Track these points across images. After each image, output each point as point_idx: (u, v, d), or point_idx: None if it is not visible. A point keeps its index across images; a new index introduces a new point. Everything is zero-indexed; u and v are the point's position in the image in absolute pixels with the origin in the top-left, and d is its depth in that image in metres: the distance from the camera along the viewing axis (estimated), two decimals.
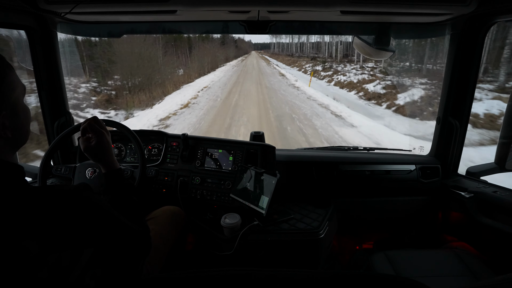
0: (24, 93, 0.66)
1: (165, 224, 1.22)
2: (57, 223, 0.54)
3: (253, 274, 0.61)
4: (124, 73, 13.28)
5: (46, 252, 0.51)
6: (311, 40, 43.10)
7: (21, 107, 0.64)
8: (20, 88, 0.64)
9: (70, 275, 0.54)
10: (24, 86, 0.66)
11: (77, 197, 0.59)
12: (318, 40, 39.57)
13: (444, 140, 1.61)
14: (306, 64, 27.96)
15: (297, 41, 51.10)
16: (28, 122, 0.67)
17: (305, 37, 40.84)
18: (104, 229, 0.63)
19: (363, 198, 1.68)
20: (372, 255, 1.36)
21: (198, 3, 1.14)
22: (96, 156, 0.94)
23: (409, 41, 14.41)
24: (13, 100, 0.61)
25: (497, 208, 1.37)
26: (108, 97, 11.32)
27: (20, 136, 0.64)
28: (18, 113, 0.63)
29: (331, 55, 29.97)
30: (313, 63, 27.04)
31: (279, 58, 47.67)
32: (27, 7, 1.15)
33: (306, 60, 32.67)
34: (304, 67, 26.34)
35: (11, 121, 0.61)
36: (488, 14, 1.29)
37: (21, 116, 0.64)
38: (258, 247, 1.27)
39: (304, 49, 46.08)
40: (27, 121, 0.67)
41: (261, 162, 1.44)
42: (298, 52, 47.54)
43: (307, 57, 36.81)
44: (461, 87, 1.50)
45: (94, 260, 0.59)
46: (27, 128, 0.67)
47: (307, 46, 44.64)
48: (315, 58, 31.46)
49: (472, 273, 1.22)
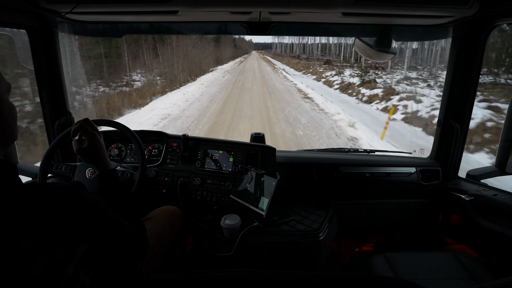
0: (9, 91, 0.66)
1: (162, 224, 1.22)
2: (50, 219, 0.54)
3: (253, 275, 0.61)
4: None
5: (40, 248, 0.52)
6: (317, 41, 39.40)
7: (6, 105, 0.64)
8: (4, 86, 0.64)
9: (64, 271, 0.54)
10: (9, 84, 0.66)
11: (70, 194, 0.59)
12: (324, 41, 36.81)
13: (444, 143, 1.61)
14: (321, 69, 21.39)
15: (300, 42, 48.09)
16: (15, 121, 0.67)
17: (311, 37, 34.48)
18: (97, 226, 0.63)
19: (363, 200, 1.68)
20: (371, 257, 1.35)
21: (200, 4, 1.14)
22: (89, 157, 0.94)
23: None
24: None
25: (497, 211, 1.37)
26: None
27: (4, 134, 0.64)
28: (2, 111, 0.62)
29: (346, 58, 26.45)
30: (333, 69, 19.61)
31: (284, 60, 41.66)
32: (28, 6, 1.15)
33: (318, 63, 26.91)
34: (325, 76, 17.75)
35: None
36: (490, 17, 1.29)
37: (6, 114, 0.63)
38: (257, 248, 1.27)
39: (309, 50, 42.61)
40: (13, 119, 0.66)
41: (261, 163, 1.44)
42: (304, 54, 43.10)
43: (317, 60, 31.12)
44: (462, 89, 1.50)
45: (89, 257, 0.59)
46: (13, 126, 0.66)
47: (313, 47, 40.76)
48: (329, 61, 25.53)
49: (472, 276, 1.22)
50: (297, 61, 33.58)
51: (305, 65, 27.88)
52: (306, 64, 28.15)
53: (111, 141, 1.61)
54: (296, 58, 39.50)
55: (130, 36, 11.09)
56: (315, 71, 21.33)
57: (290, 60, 37.59)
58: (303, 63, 30.39)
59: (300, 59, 37.48)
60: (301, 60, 35.53)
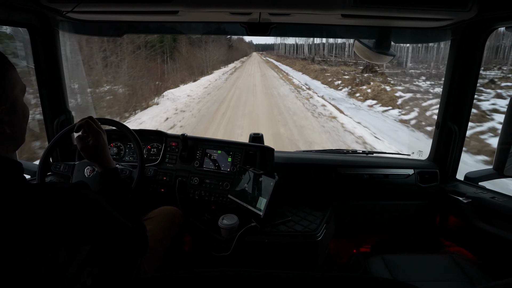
0: (24, 92, 0.67)
1: (162, 224, 1.22)
2: (54, 220, 0.55)
3: (250, 275, 0.61)
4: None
5: (42, 248, 0.52)
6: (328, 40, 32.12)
7: (20, 105, 0.65)
8: (20, 86, 0.65)
9: (66, 272, 0.55)
10: (24, 85, 0.67)
11: (75, 194, 0.60)
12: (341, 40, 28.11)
13: (443, 145, 1.61)
14: (365, 85, 11.87)
15: (306, 42, 40.91)
16: (26, 121, 0.68)
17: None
18: (101, 227, 0.63)
19: (361, 201, 1.68)
20: (369, 258, 1.36)
21: (200, 4, 1.15)
22: (93, 155, 0.94)
23: None
24: (12, 97, 0.62)
25: (495, 213, 1.37)
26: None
27: (18, 134, 0.65)
28: (17, 110, 0.63)
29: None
30: (376, 79, 12.76)
31: (295, 64, 28.85)
32: (30, 4, 1.16)
33: (349, 69, 17.81)
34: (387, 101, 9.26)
35: (9, 118, 0.61)
36: (489, 20, 1.30)
37: (19, 114, 0.64)
38: (255, 248, 1.27)
39: (315, 50, 36.05)
40: (25, 120, 0.67)
41: (259, 163, 1.44)
42: (316, 55, 33.73)
43: (345, 64, 22.09)
44: (460, 92, 1.50)
45: (91, 258, 0.59)
46: (25, 127, 0.67)
47: (320, 48, 34.28)
48: (371, 69, 15.29)
49: (469, 278, 1.22)
50: (317, 67, 21.92)
51: (335, 73, 16.93)
52: (337, 72, 17.21)
53: (110, 139, 1.61)
54: (311, 62, 28.38)
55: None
56: (377, 90, 10.80)
57: (306, 65, 24.94)
58: (328, 69, 19.53)
59: (313, 62, 27.31)
60: (314, 63, 25.48)
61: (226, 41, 33.73)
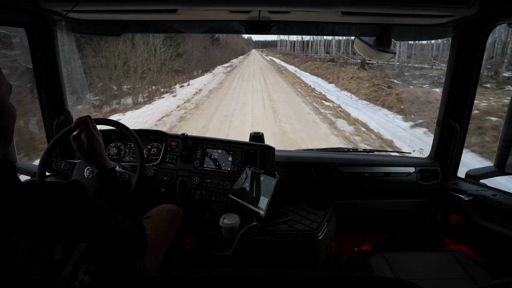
0: (10, 92, 0.65)
1: (162, 222, 1.22)
2: (48, 218, 0.55)
3: (251, 275, 0.61)
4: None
5: (38, 247, 0.52)
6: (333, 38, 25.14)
7: (6, 106, 0.64)
8: (5, 87, 0.63)
9: (63, 269, 0.55)
10: (10, 85, 0.65)
11: (68, 193, 0.59)
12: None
13: (444, 142, 1.61)
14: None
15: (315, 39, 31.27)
16: (13, 122, 0.66)
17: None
18: (96, 225, 0.63)
19: (362, 200, 1.68)
20: (370, 257, 1.35)
21: (199, 3, 1.14)
22: (88, 156, 0.95)
23: None
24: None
25: (496, 211, 1.37)
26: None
27: (4, 135, 0.64)
28: (2, 111, 0.62)
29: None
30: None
31: (312, 67, 19.90)
32: (27, 4, 1.15)
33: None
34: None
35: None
36: (490, 16, 1.29)
37: (5, 115, 0.63)
38: (256, 248, 1.27)
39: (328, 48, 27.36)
40: (12, 121, 0.66)
41: (260, 162, 1.44)
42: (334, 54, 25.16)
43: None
44: (462, 89, 1.50)
45: (88, 255, 0.59)
46: (12, 128, 0.66)
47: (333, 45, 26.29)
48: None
49: (471, 276, 1.22)
50: (354, 73, 13.83)
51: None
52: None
53: (110, 140, 1.61)
54: (331, 63, 20.04)
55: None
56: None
57: (343, 70, 15.64)
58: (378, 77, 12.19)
59: (335, 62, 20.48)
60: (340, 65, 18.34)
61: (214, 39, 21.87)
